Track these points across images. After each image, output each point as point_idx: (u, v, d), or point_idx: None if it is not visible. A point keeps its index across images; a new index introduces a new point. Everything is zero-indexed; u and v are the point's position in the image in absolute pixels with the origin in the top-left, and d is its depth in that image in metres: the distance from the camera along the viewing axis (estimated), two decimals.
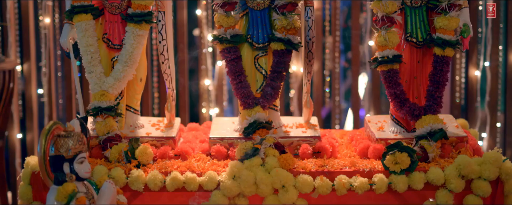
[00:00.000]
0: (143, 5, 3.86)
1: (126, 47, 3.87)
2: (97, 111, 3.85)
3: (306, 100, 4.07)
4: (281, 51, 3.88)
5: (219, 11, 3.89)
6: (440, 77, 3.85)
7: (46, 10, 5.58)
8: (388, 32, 3.84)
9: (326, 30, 5.67)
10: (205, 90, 5.74)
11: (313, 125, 4.09)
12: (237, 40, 3.90)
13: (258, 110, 3.85)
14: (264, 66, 3.95)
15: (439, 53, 3.85)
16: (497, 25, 5.52)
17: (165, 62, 3.96)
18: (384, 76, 3.87)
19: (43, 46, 5.63)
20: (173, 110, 4.10)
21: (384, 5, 3.82)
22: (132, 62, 3.87)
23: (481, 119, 5.69)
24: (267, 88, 3.90)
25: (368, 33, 5.67)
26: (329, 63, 5.72)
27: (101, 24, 3.98)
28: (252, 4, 3.92)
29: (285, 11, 3.86)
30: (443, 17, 3.83)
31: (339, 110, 5.80)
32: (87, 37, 3.87)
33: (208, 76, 5.72)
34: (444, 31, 3.83)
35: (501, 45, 5.56)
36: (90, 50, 3.87)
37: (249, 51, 3.96)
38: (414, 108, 3.84)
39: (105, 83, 3.87)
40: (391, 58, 3.84)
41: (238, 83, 3.89)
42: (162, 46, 3.93)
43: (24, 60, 5.59)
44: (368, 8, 5.60)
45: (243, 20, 3.98)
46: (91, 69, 3.88)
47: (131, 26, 3.87)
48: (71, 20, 3.91)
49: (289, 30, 3.87)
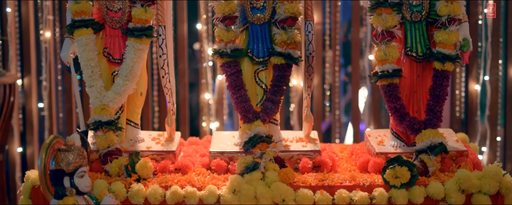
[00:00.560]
0: (143, 20, 3.87)
1: (126, 61, 3.87)
2: (97, 125, 3.85)
3: (306, 114, 4.07)
4: (281, 65, 3.88)
5: (219, 25, 3.90)
6: (440, 91, 3.85)
7: (47, 24, 5.60)
8: (388, 46, 3.84)
9: (326, 44, 5.69)
10: (206, 104, 5.75)
11: (313, 139, 4.09)
12: (237, 54, 3.90)
13: (258, 124, 3.85)
14: (264, 80, 3.96)
15: (439, 68, 3.85)
16: (496, 40, 5.53)
17: (165, 76, 3.97)
18: (384, 90, 3.87)
19: (44, 60, 5.64)
20: (173, 124, 4.11)
21: (384, 19, 3.83)
22: (132, 76, 3.87)
23: (481, 133, 5.69)
24: (267, 102, 3.90)
25: (368, 47, 5.68)
26: (329, 77, 5.73)
27: (102, 39, 3.99)
28: (252, 18, 3.93)
29: (285, 25, 3.86)
30: (443, 32, 3.83)
31: (339, 124, 5.80)
32: (88, 51, 3.87)
33: (209, 90, 5.73)
34: (444, 46, 3.84)
35: (501, 59, 5.57)
36: (91, 64, 3.87)
37: (249, 65, 3.96)
38: (414, 122, 3.84)
39: (106, 97, 3.88)
40: (391, 73, 3.84)
41: (238, 97, 3.89)
42: (162, 60, 3.93)
43: (24, 74, 5.60)
44: (368, 22, 5.61)
45: (243, 35, 3.98)
46: (91, 83, 3.88)
47: (132, 41, 3.87)
48: (71, 35, 3.92)
49: (289, 44, 3.88)
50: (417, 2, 3.88)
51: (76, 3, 3.88)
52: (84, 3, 3.89)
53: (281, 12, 3.86)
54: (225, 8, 3.87)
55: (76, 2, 3.89)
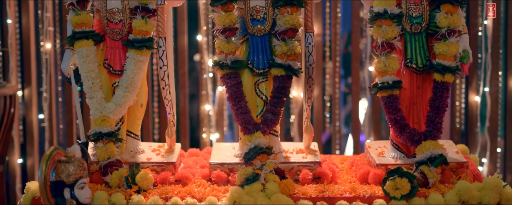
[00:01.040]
0: (144, 31, 3.87)
1: (127, 72, 3.88)
2: (97, 137, 3.86)
3: (306, 125, 4.08)
4: (281, 77, 3.89)
5: (219, 37, 3.91)
6: (440, 103, 3.85)
7: (47, 36, 5.61)
8: (388, 58, 3.85)
9: (326, 55, 5.70)
10: (206, 115, 5.75)
11: (314, 150, 4.09)
12: (237, 66, 3.91)
13: (258, 135, 3.86)
14: (265, 92, 3.96)
15: (439, 79, 3.86)
16: (496, 51, 5.54)
17: (165, 88, 3.97)
18: (384, 101, 3.87)
19: (44, 71, 5.65)
20: (173, 136, 4.11)
21: (384, 31, 3.84)
22: (133, 88, 3.88)
23: (481, 144, 5.69)
24: (267, 113, 3.90)
25: (368, 59, 5.69)
26: (329, 89, 5.74)
27: (102, 50, 3.99)
28: (252, 30, 3.94)
29: (286, 37, 3.87)
30: (442, 43, 3.84)
31: (339, 136, 5.80)
32: (88, 63, 3.88)
33: (209, 101, 5.74)
34: (444, 57, 3.84)
35: (501, 71, 5.58)
36: (91, 75, 3.88)
37: (249, 77, 3.97)
38: (414, 133, 3.84)
39: (106, 109, 3.88)
40: (391, 84, 3.85)
41: (238, 108, 3.89)
42: (163, 72, 3.94)
43: (25, 85, 5.61)
44: (368, 34, 5.62)
45: (243, 46, 3.99)
46: (92, 95, 3.89)
47: (132, 52, 3.88)
48: (72, 46, 3.93)
49: (290, 56, 3.88)
50: (417, 14, 3.89)
51: (76, 14, 3.89)
52: (85, 15, 3.90)
53: (281, 24, 3.87)
54: (225, 20, 3.88)
55: (76, 13, 3.89)
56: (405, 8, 3.89)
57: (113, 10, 3.92)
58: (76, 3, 3.89)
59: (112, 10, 3.92)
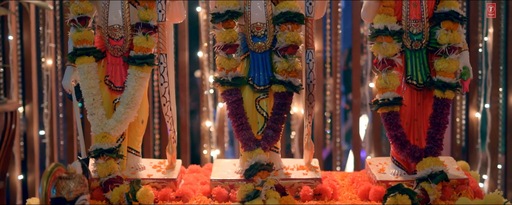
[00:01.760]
0: (145, 48, 3.88)
1: (128, 89, 3.89)
2: (98, 153, 3.86)
3: (307, 142, 4.08)
4: (282, 94, 3.89)
5: (220, 53, 3.91)
6: (441, 120, 3.86)
7: (49, 52, 5.62)
8: (388, 74, 3.85)
9: (327, 72, 5.71)
10: (207, 131, 5.75)
11: (314, 167, 4.09)
12: (238, 82, 3.91)
13: (259, 152, 3.86)
14: (265, 108, 3.96)
15: (439, 96, 3.86)
16: (497, 67, 5.55)
17: (166, 104, 3.98)
18: (384, 118, 3.88)
19: (45, 88, 5.66)
20: (174, 152, 4.11)
21: (385, 48, 3.85)
22: (134, 104, 3.88)
23: (482, 161, 5.69)
24: (268, 130, 3.91)
25: (368, 75, 5.70)
26: (330, 105, 5.74)
27: (103, 66, 4.00)
28: (253, 46, 3.95)
29: (286, 53, 3.88)
30: (443, 60, 3.85)
31: (340, 152, 5.80)
32: (89, 79, 3.89)
33: (210, 117, 5.74)
34: (444, 74, 3.85)
35: (501, 87, 5.58)
36: (92, 92, 3.89)
37: (250, 93, 3.97)
38: (415, 150, 3.84)
39: (107, 125, 3.88)
40: (391, 101, 3.85)
41: (239, 125, 3.90)
42: (163, 88, 3.94)
43: (26, 101, 5.62)
44: (369, 50, 5.63)
45: (244, 62, 4.00)
46: (93, 111, 3.89)
47: (133, 69, 3.89)
48: (73, 62, 3.93)
49: (290, 72, 3.89)
50: (417, 31, 3.90)
51: (77, 31, 3.90)
52: (86, 32, 3.91)
53: (282, 41, 3.87)
54: (226, 37, 3.89)
55: (77, 30, 3.91)
56: (406, 25, 3.90)
57: (114, 27, 3.93)
58: (78, 20, 3.90)
59: (113, 27, 3.93)
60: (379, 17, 3.87)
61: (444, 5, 3.87)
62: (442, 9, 3.87)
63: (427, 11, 3.90)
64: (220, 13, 3.88)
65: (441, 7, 3.88)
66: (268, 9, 3.92)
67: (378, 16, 3.87)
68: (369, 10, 3.93)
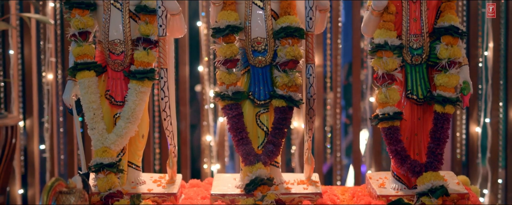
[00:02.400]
0: (145, 62, 3.89)
1: (128, 103, 3.89)
2: (99, 168, 3.86)
3: (307, 156, 4.08)
4: (282, 108, 3.89)
5: (221, 68, 3.92)
6: (441, 134, 3.86)
7: (49, 67, 5.63)
8: (388, 89, 3.86)
9: (327, 86, 5.71)
10: (207, 146, 5.75)
11: (314, 181, 4.09)
12: (238, 97, 3.92)
13: (259, 166, 3.86)
14: (266, 123, 3.97)
15: (439, 110, 3.86)
16: (497, 82, 5.55)
17: (167, 119, 3.98)
18: (385, 133, 3.88)
19: (46, 102, 5.66)
20: (174, 167, 4.11)
21: (385, 62, 3.85)
22: (134, 119, 3.89)
23: (482, 175, 5.69)
24: (268, 144, 3.91)
25: (369, 89, 5.70)
26: (330, 119, 5.74)
27: (104, 81, 4.01)
28: (253, 61, 3.95)
29: (287, 68, 3.88)
30: (443, 75, 3.85)
31: (340, 166, 5.80)
32: (90, 94, 3.89)
33: (210, 132, 5.74)
34: (444, 89, 3.85)
35: (501, 102, 5.59)
36: (93, 106, 3.89)
37: (250, 108, 3.97)
38: (415, 165, 3.84)
39: (107, 140, 3.89)
40: (391, 115, 3.85)
41: (239, 139, 3.90)
42: (164, 103, 3.95)
43: (26, 115, 5.62)
44: (369, 65, 5.64)
45: (244, 77, 4.00)
46: (93, 126, 3.90)
47: (134, 83, 3.89)
48: (74, 77, 3.94)
49: (291, 87, 3.89)
50: (418, 46, 3.91)
51: (78, 46, 3.91)
52: (87, 46, 3.92)
53: (282, 55, 3.88)
54: (226, 51, 3.89)
55: (78, 45, 3.92)
56: (406, 39, 3.91)
57: (115, 41, 3.94)
58: (78, 34, 3.91)
59: (114, 41, 3.94)
60: (379, 32, 3.87)
61: (444, 20, 3.88)
62: (442, 24, 3.88)
63: (427, 26, 3.91)
64: (220, 27, 3.89)
65: (441, 22, 3.89)
66: (268, 24, 3.93)
67: (378, 31, 3.88)
68: (369, 25, 3.94)
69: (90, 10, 3.94)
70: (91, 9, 3.94)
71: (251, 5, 3.94)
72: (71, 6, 3.92)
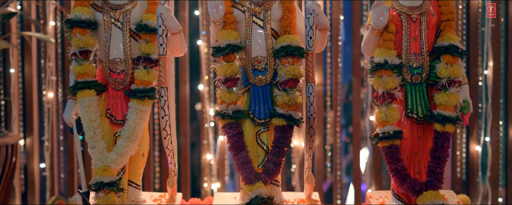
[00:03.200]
0: (146, 81, 3.90)
1: (128, 122, 3.90)
2: (99, 186, 3.86)
3: (307, 175, 4.08)
4: (282, 127, 3.90)
5: (221, 87, 3.93)
6: (441, 153, 3.86)
7: (50, 85, 5.63)
8: (388, 108, 3.86)
9: (327, 104, 5.71)
10: (207, 164, 5.75)
11: (315, 200, 4.09)
12: (239, 116, 3.92)
13: (259, 185, 3.85)
14: (266, 142, 3.97)
15: (439, 129, 3.87)
16: (497, 101, 5.55)
17: (167, 138, 3.98)
18: (385, 151, 3.88)
19: (46, 121, 5.66)
20: (175, 185, 4.11)
21: (385, 81, 3.86)
22: (134, 138, 3.89)
23: (482, 194, 5.68)
24: (268, 163, 3.91)
25: (369, 108, 5.71)
26: (330, 138, 5.74)
27: (104, 100, 4.01)
28: (254, 80, 3.96)
29: (287, 87, 3.89)
30: (443, 94, 3.86)
31: (340, 185, 5.79)
32: (90, 113, 3.90)
33: (210, 150, 5.74)
34: (444, 108, 3.86)
35: (502, 121, 5.58)
36: (93, 125, 3.90)
37: (250, 127, 3.98)
38: (415, 183, 3.84)
39: (108, 158, 3.89)
40: (391, 134, 3.86)
41: (239, 158, 3.90)
42: (164, 122, 3.95)
43: (27, 134, 5.62)
44: (369, 83, 5.64)
45: (245, 96, 4.01)
46: (93, 144, 3.90)
47: (134, 102, 3.90)
48: (74, 96, 3.95)
49: (291, 106, 3.90)
50: (417, 65, 3.92)
51: (79, 64, 3.92)
52: (87, 65, 3.93)
53: (283, 74, 3.89)
54: (227, 70, 3.90)
55: (79, 63, 3.93)
56: (406, 58, 3.92)
57: (115, 60, 3.95)
58: (79, 53, 3.92)
59: (114, 60, 3.95)
60: (379, 51, 3.88)
61: (444, 39, 3.89)
62: (442, 43, 3.89)
63: (427, 45, 3.92)
64: (221, 47, 3.90)
65: (441, 41, 3.90)
66: (268, 43, 3.94)
67: (378, 50, 3.89)
68: (369, 44, 3.95)
69: (91, 29, 3.95)
70: (92, 28, 3.95)
71: (251, 24, 3.95)
72: (72, 25, 3.93)
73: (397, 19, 3.91)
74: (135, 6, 3.98)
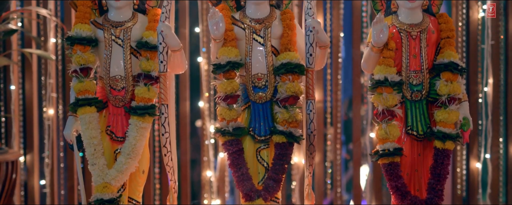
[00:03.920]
0: (146, 98, 3.90)
1: (129, 139, 3.90)
2: (99, 203, 3.85)
3: (307, 192, 4.07)
4: (282, 144, 3.90)
5: (221, 104, 3.93)
6: (441, 170, 3.86)
7: (50, 102, 5.64)
8: (388, 125, 3.86)
9: (327, 121, 5.71)
10: (207, 181, 5.75)
11: None
12: (239, 133, 3.92)
13: (259, 202, 3.85)
14: (266, 159, 3.96)
15: (439, 146, 3.87)
16: (497, 118, 5.56)
17: (167, 155, 3.98)
18: (385, 169, 3.88)
19: (47, 137, 5.66)
20: (175, 202, 4.10)
21: (385, 98, 3.86)
22: (135, 155, 3.89)
23: None
24: (268, 180, 3.90)
25: (369, 125, 5.71)
26: (330, 155, 5.74)
27: (105, 117, 4.02)
28: (254, 97, 3.96)
29: (287, 104, 3.89)
30: (443, 111, 3.86)
31: (340, 202, 5.79)
32: (91, 130, 3.90)
33: (210, 167, 5.74)
34: (444, 125, 3.86)
35: (502, 138, 5.59)
36: (94, 142, 3.90)
37: (251, 144, 3.97)
38: (416, 201, 3.84)
39: (108, 175, 3.89)
40: (392, 151, 3.85)
41: (240, 175, 3.90)
42: (164, 139, 3.95)
43: (27, 151, 5.62)
44: (369, 100, 5.65)
45: (245, 113, 4.01)
46: (94, 161, 3.90)
47: (134, 119, 3.90)
48: (75, 113, 3.95)
49: (291, 123, 3.90)
50: (417, 82, 3.92)
51: (80, 81, 3.93)
52: (88, 82, 3.93)
53: (283, 91, 3.89)
54: (227, 87, 3.90)
55: (79, 80, 3.93)
56: (406, 76, 3.92)
57: (116, 77, 3.96)
58: (80, 70, 3.92)
59: (115, 77, 3.96)
60: (379, 68, 3.89)
61: (443, 56, 3.90)
62: (442, 60, 3.90)
63: (426, 62, 3.92)
64: (221, 64, 3.90)
65: (440, 58, 3.91)
66: (269, 60, 3.94)
67: (378, 67, 3.89)
68: (369, 61, 3.95)
69: (92, 46, 3.95)
70: (93, 45, 3.96)
71: (251, 42, 3.96)
72: (73, 42, 3.93)
73: (397, 37, 3.92)
74: (135, 24, 3.99)
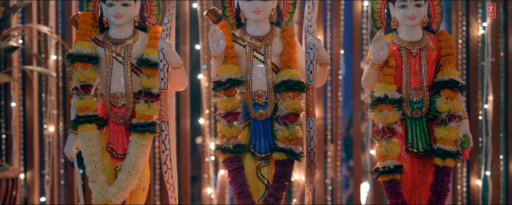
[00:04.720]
0: (147, 115, 3.90)
1: (129, 156, 3.90)
2: None
3: None
4: (283, 161, 3.90)
5: (222, 121, 3.93)
6: (442, 188, 3.85)
7: (51, 119, 5.64)
8: (389, 142, 3.86)
9: (327, 138, 5.72)
10: (208, 198, 5.74)
11: None
12: (239, 150, 3.92)
13: None
14: (266, 176, 3.96)
15: (440, 164, 3.87)
16: (497, 135, 5.56)
17: (168, 172, 3.98)
18: (385, 186, 3.88)
19: (47, 154, 5.66)
20: None
21: (385, 116, 3.86)
22: (135, 172, 3.89)
23: None
24: (269, 197, 3.90)
25: (369, 142, 5.71)
26: (330, 172, 5.74)
27: (105, 134, 4.02)
28: (254, 114, 3.96)
29: (287, 121, 3.89)
30: (443, 128, 3.86)
31: None
32: (91, 147, 3.90)
33: (211, 184, 5.73)
34: (444, 142, 3.86)
35: (502, 155, 5.59)
36: (94, 159, 3.90)
37: (251, 161, 3.97)
38: None
39: (108, 193, 3.88)
40: (392, 169, 3.85)
41: (240, 193, 3.89)
42: (165, 156, 3.95)
43: (27, 168, 5.62)
44: (369, 117, 5.65)
45: (245, 130, 4.01)
46: (94, 179, 3.90)
47: (135, 136, 3.90)
48: (75, 130, 3.95)
49: (291, 140, 3.90)
50: (418, 99, 3.93)
51: (80, 99, 3.93)
52: (88, 99, 3.94)
53: (283, 109, 3.89)
54: (227, 104, 3.91)
55: (80, 98, 3.93)
56: (406, 93, 3.93)
57: (116, 95, 3.96)
58: (80, 87, 3.93)
59: (115, 95, 3.96)
60: (379, 85, 3.89)
61: (443, 73, 3.90)
62: (442, 78, 3.90)
63: (426, 80, 3.93)
64: (221, 81, 3.91)
65: (440, 76, 3.91)
66: (269, 77, 3.95)
67: (378, 84, 3.90)
68: (370, 78, 3.96)
69: (92, 63, 3.96)
70: (93, 62, 3.96)
71: (252, 59, 3.96)
72: (74, 59, 3.94)
73: (397, 54, 3.93)
74: (136, 41, 4.00)
